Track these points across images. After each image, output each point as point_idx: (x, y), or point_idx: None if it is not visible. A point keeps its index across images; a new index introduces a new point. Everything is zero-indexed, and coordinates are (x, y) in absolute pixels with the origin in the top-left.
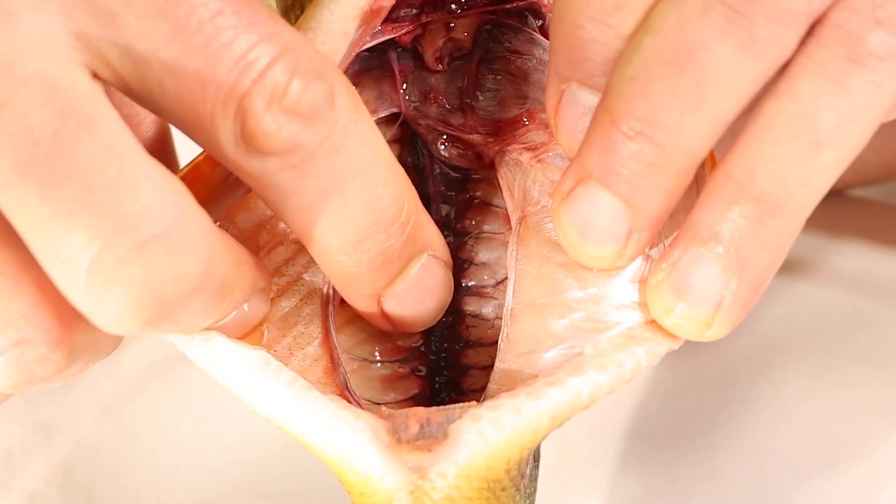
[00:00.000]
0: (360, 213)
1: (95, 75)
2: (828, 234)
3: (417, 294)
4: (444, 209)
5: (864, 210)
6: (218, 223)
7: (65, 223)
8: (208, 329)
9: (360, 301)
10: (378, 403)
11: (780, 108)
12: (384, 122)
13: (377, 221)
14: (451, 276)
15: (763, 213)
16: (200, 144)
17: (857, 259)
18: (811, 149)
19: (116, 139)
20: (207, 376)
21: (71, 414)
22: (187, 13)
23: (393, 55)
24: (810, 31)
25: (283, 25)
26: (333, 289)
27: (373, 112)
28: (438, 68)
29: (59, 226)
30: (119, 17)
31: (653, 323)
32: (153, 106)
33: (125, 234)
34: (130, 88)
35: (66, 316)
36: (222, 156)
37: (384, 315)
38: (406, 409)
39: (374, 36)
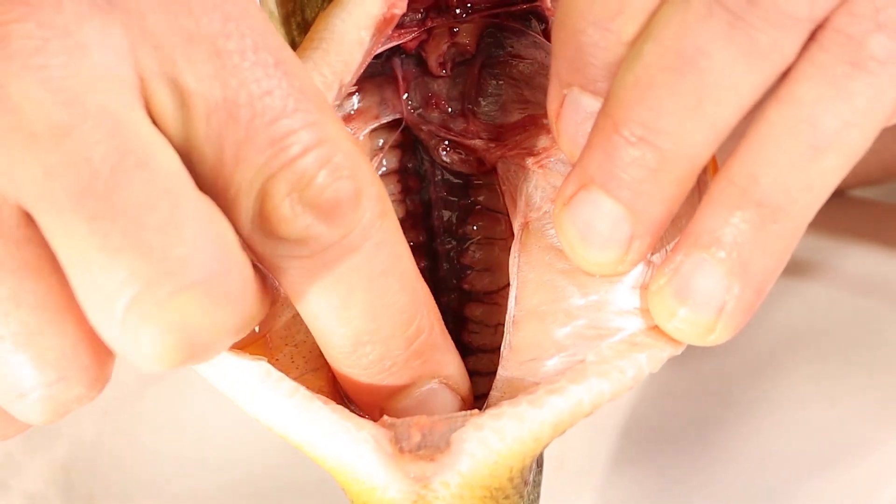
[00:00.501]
0: (363, 317)
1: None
2: (830, 235)
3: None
4: (446, 214)
5: (867, 211)
6: None
7: (110, 258)
8: None
9: (362, 405)
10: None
11: (781, 113)
12: (386, 128)
13: (379, 329)
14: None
15: (765, 217)
16: (222, 209)
17: (859, 260)
18: (813, 153)
19: (172, 181)
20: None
21: (71, 415)
22: (240, 85)
23: (397, 61)
24: (812, 36)
25: (331, 117)
26: None
27: (375, 118)
28: (442, 73)
29: (104, 260)
30: (180, 68)
31: (655, 329)
32: (187, 162)
33: (168, 276)
34: (173, 141)
35: (103, 354)
36: (237, 228)
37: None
38: (408, 418)
39: (384, 43)
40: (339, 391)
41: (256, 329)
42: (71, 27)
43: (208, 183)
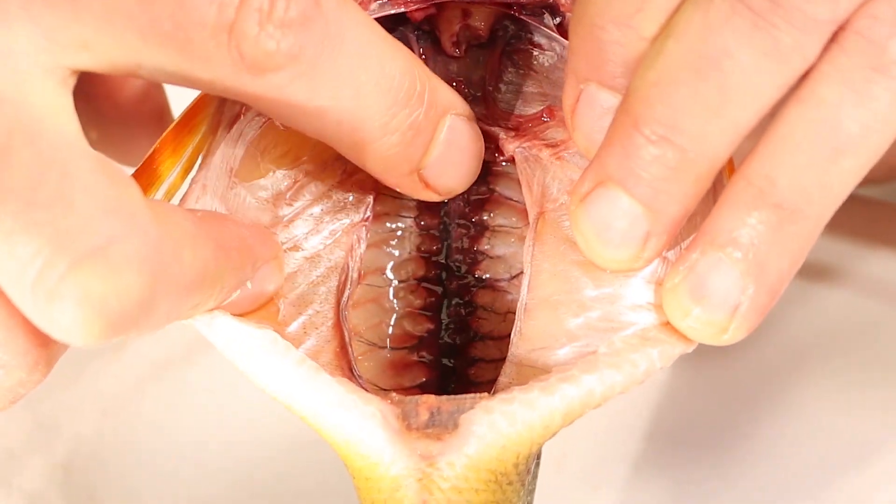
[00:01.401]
0: (378, 97)
1: (74, 71)
2: (842, 237)
3: (453, 156)
4: (462, 201)
5: (875, 212)
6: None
7: (7, 241)
8: (214, 309)
9: (402, 181)
10: (385, 389)
11: (801, 115)
12: None
13: (396, 100)
14: (478, 128)
15: (782, 219)
16: (203, 88)
17: (873, 263)
18: (832, 156)
19: (61, 152)
20: (207, 377)
21: (71, 414)
22: None
23: (412, 36)
24: (833, 38)
25: None
26: (350, 270)
27: None
28: (455, 53)
29: (2, 243)
30: (81, 5)
31: (667, 325)
32: (144, 72)
33: (63, 249)
34: (116, 65)
35: (42, 336)
36: (227, 89)
37: (428, 187)
38: (416, 397)
39: (382, 6)
40: (345, 364)
41: (249, 286)
42: None
43: (170, 71)
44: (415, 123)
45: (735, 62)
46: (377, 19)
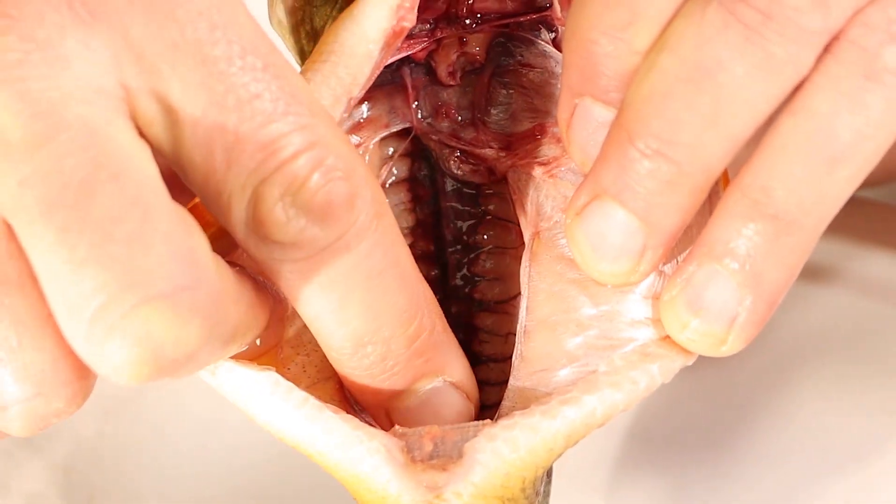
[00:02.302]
0: (362, 317)
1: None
2: (841, 238)
3: (426, 417)
4: (457, 224)
5: (874, 213)
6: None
7: (76, 269)
8: None
9: (367, 406)
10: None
11: (795, 125)
12: (396, 137)
13: (378, 329)
14: (471, 409)
15: (779, 230)
16: (215, 216)
17: (871, 263)
18: (827, 165)
19: (144, 193)
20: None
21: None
22: (227, 90)
23: (406, 70)
24: (826, 48)
25: (323, 119)
26: None
27: (384, 127)
28: (451, 83)
29: (71, 271)
30: (164, 77)
31: (666, 339)
32: (180, 170)
33: (133, 288)
34: (163, 150)
35: (83, 369)
36: (232, 233)
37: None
38: (419, 428)
39: (392, 54)
40: (350, 400)
41: (258, 342)
42: (52, 40)
43: (201, 189)
44: (389, 361)
45: (729, 75)
46: (387, 65)
